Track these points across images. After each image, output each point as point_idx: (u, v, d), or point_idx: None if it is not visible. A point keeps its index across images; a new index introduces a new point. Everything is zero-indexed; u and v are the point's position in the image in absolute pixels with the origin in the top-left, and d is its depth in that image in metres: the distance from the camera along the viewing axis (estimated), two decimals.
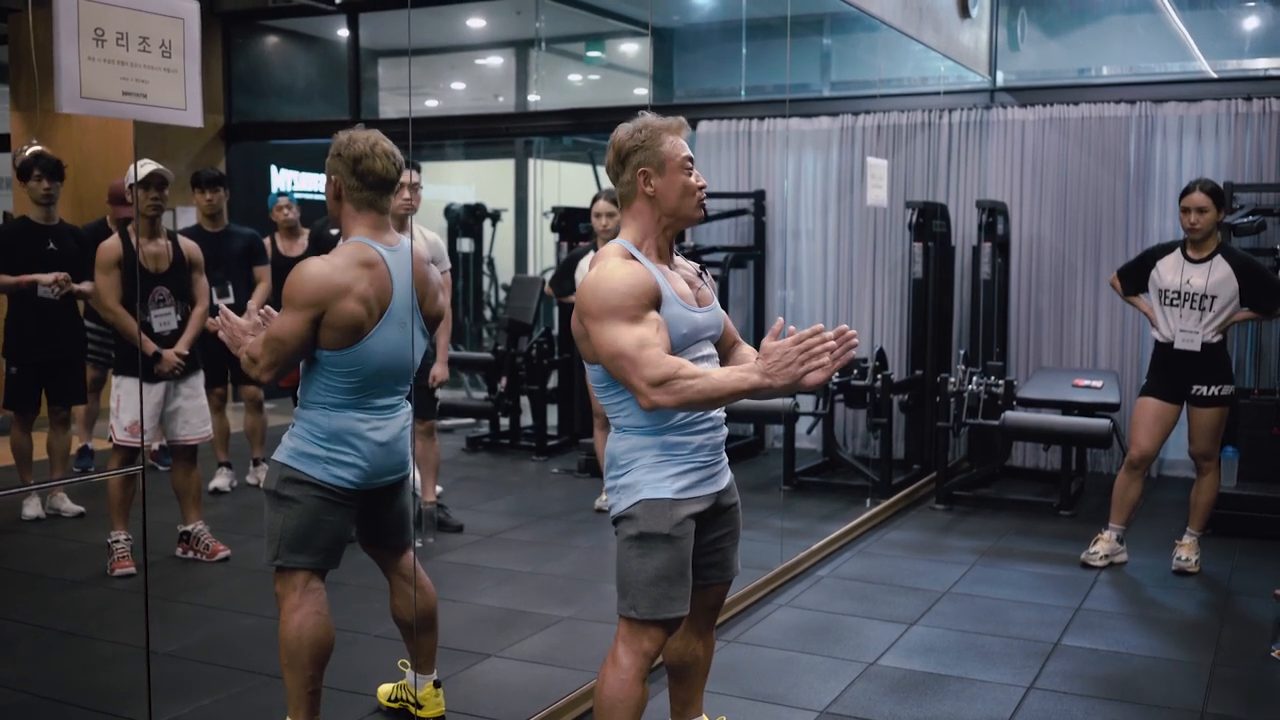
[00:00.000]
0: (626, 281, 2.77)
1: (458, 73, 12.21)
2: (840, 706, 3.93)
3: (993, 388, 6.80)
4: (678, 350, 2.84)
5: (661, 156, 2.88)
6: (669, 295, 2.85)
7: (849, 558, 5.83)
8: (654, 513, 2.85)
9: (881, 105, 8.31)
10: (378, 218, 3.31)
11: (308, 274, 3.16)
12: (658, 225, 2.92)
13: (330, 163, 3.30)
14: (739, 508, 3.16)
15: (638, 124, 2.92)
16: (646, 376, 2.70)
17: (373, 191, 3.28)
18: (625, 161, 2.91)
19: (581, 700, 3.83)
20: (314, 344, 3.20)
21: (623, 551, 2.92)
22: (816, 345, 2.65)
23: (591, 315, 2.78)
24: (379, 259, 3.26)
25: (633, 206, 2.93)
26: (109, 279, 5.12)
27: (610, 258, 2.85)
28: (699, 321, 2.93)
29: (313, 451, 3.25)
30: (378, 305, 3.24)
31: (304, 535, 3.25)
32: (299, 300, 3.14)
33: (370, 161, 3.24)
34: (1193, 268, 5.35)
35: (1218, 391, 5.37)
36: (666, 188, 2.89)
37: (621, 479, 2.94)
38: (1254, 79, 7.85)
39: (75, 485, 6.47)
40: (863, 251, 8.31)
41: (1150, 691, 4.08)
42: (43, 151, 5.60)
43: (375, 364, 3.28)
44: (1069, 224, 7.81)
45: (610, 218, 6.29)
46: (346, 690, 3.86)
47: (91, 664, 4.23)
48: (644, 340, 2.73)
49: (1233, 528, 6.13)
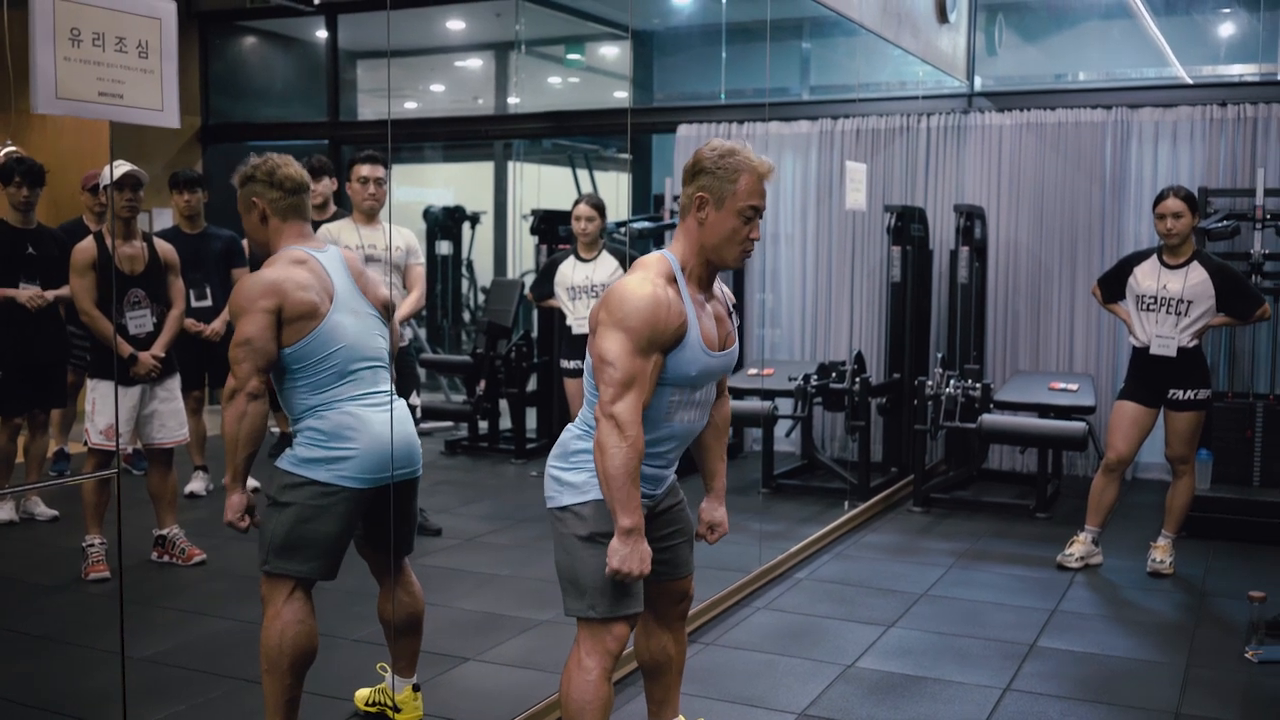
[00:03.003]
0: (654, 314, 2.75)
1: (437, 75, 12.20)
2: (819, 708, 3.93)
3: (970, 391, 6.83)
4: (681, 387, 2.87)
5: (727, 192, 2.82)
6: (692, 338, 2.83)
7: (827, 560, 5.84)
8: (605, 513, 2.85)
9: (860, 109, 8.34)
10: (303, 225, 3.41)
11: (250, 282, 3.25)
12: (699, 253, 2.89)
13: (244, 192, 3.38)
14: (684, 506, 3.19)
15: (727, 148, 2.85)
16: (610, 404, 2.73)
17: (295, 196, 3.38)
18: (694, 178, 2.86)
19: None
20: (278, 347, 3.22)
21: (572, 551, 2.91)
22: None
23: (609, 315, 2.77)
24: (308, 257, 3.34)
25: (685, 222, 2.90)
26: (84, 281, 5.08)
27: (653, 274, 2.82)
28: (712, 366, 2.93)
29: (313, 455, 3.25)
30: (324, 292, 3.30)
31: (294, 541, 3.23)
32: (249, 305, 3.19)
33: (284, 169, 3.37)
34: (1169, 273, 5.39)
35: (1194, 395, 5.41)
36: (718, 223, 2.84)
37: (568, 474, 2.94)
38: (1229, 85, 7.91)
39: (50, 489, 6.42)
40: (841, 255, 8.33)
41: (1126, 692, 4.10)
42: (24, 156, 5.55)
43: (342, 348, 3.29)
44: (1046, 228, 7.85)
45: (591, 222, 6.29)
46: (324, 695, 3.84)
47: (66, 669, 4.20)
48: (635, 376, 2.74)
49: (1207, 530, 6.18)
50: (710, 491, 3.29)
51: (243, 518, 3.28)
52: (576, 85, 11.68)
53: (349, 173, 5.42)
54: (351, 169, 5.39)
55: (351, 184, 5.38)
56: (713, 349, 2.90)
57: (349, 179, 5.42)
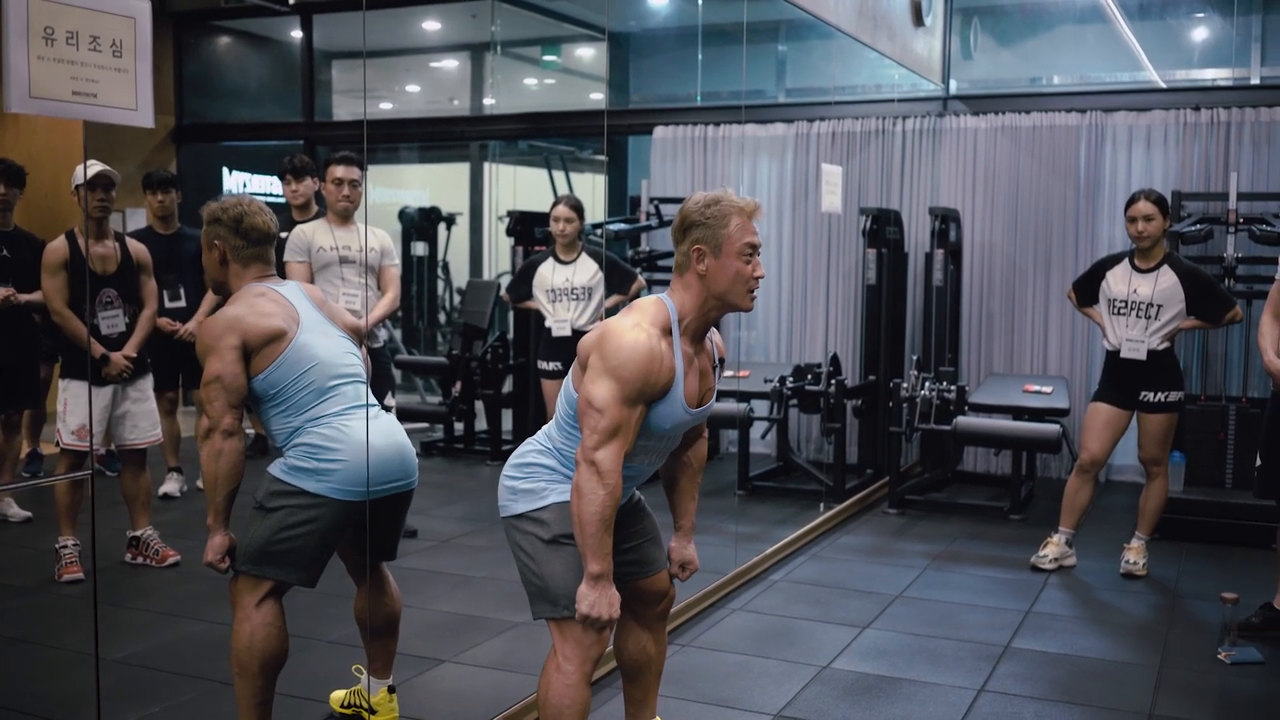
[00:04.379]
0: (646, 366, 2.76)
1: (412, 75, 12.16)
2: (794, 710, 3.94)
3: (944, 393, 6.86)
4: (651, 436, 2.90)
5: (721, 238, 2.83)
6: (676, 394, 2.85)
7: (803, 562, 5.85)
8: (565, 514, 2.87)
9: (836, 112, 8.37)
10: (264, 267, 3.42)
11: (212, 322, 3.26)
12: (702, 305, 2.89)
13: (209, 231, 3.39)
14: (642, 504, 3.22)
15: (710, 198, 2.87)
16: (593, 450, 2.74)
17: (258, 247, 3.39)
18: (686, 233, 2.87)
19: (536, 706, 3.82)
20: (248, 379, 3.23)
21: (536, 556, 2.92)
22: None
23: (603, 360, 2.77)
24: (267, 289, 3.36)
25: (684, 277, 2.89)
26: (56, 281, 5.05)
27: (647, 322, 2.82)
28: (686, 422, 2.96)
29: (305, 465, 3.23)
30: (289, 317, 3.31)
31: (276, 548, 3.21)
32: (214, 343, 3.20)
33: (251, 219, 3.36)
34: (1140, 277, 5.42)
35: (1165, 398, 5.44)
36: (719, 271, 2.84)
37: (522, 483, 2.97)
38: (1202, 89, 7.98)
39: (22, 490, 6.37)
40: (817, 257, 8.36)
41: (1099, 693, 4.12)
42: (3, 158, 5.52)
43: (315, 365, 3.29)
44: (1020, 231, 7.89)
45: (570, 223, 6.28)
46: (299, 696, 3.83)
47: (39, 671, 4.17)
48: (621, 425, 2.75)
49: (1180, 532, 6.22)
50: (679, 530, 3.29)
51: (223, 559, 3.25)
52: (552, 87, 11.67)
53: (324, 173, 5.41)
54: (326, 170, 5.37)
55: (326, 185, 5.37)
56: (691, 406, 2.93)
57: (324, 180, 5.40)
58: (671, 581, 3.28)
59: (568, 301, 6.32)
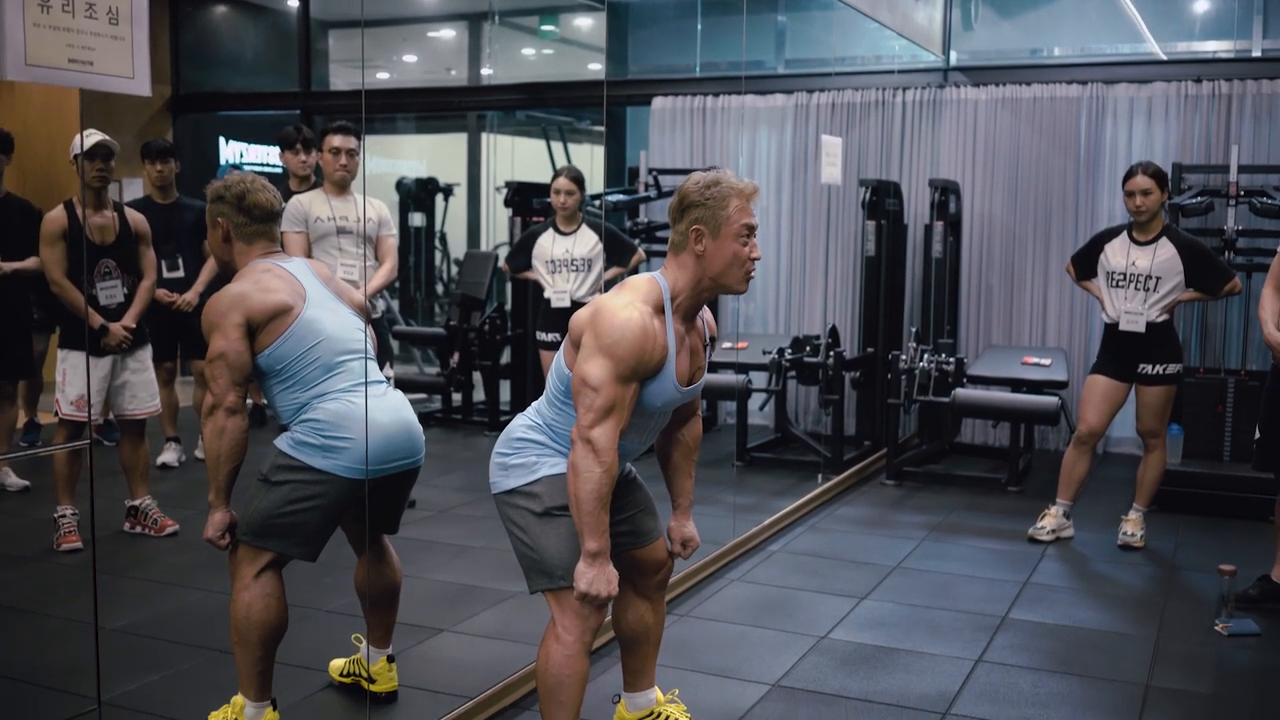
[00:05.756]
0: (640, 344, 2.77)
1: (410, 45, 12.09)
2: (792, 679, 3.96)
3: (943, 365, 6.85)
4: (641, 414, 2.91)
5: (720, 219, 2.84)
6: (667, 373, 2.87)
7: (801, 533, 5.86)
8: (557, 486, 2.89)
9: (836, 83, 8.33)
10: (268, 244, 3.41)
11: (218, 298, 3.24)
12: (697, 285, 2.90)
13: (212, 208, 3.38)
14: (636, 476, 3.23)
15: (710, 179, 2.88)
16: (589, 429, 2.75)
17: (261, 224, 3.38)
18: (685, 213, 2.88)
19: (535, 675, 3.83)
20: (253, 356, 3.22)
21: (530, 529, 2.93)
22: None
23: (597, 339, 2.77)
24: (272, 265, 3.35)
25: (680, 257, 2.90)
26: (54, 251, 5.02)
27: (640, 300, 2.83)
28: (676, 401, 2.98)
29: (313, 441, 3.22)
30: (295, 293, 3.30)
31: (279, 522, 3.21)
32: (219, 320, 3.19)
33: (254, 196, 3.35)
34: (1138, 250, 5.42)
35: (1164, 370, 5.44)
36: (717, 252, 2.86)
37: (513, 458, 2.98)
38: (1203, 61, 7.93)
39: (20, 459, 6.37)
40: (816, 229, 8.34)
41: (1096, 664, 4.14)
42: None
43: (322, 341, 3.28)
44: (1020, 203, 7.87)
45: (570, 195, 6.27)
46: (298, 665, 3.84)
47: (38, 640, 4.18)
48: (616, 403, 2.76)
49: (1178, 504, 6.23)
50: (677, 508, 3.31)
51: (223, 536, 3.25)
52: (551, 57, 11.61)
53: (320, 143, 5.38)
54: (323, 139, 5.35)
55: (323, 155, 5.34)
56: (682, 384, 2.94)
57: (320, 149, 5.38)
58: (670, 555, 3.29)
59: (567, 273, 6.31)
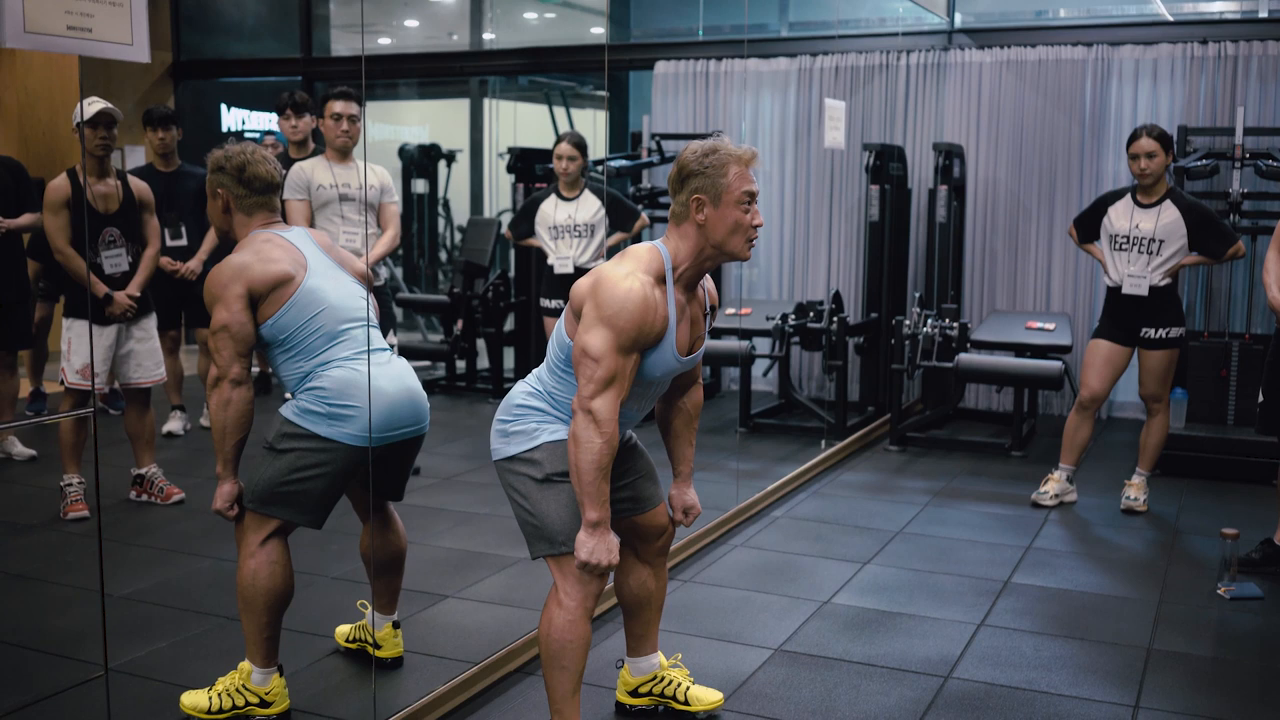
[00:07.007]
0: (641, 315, 2.78)
1: (411, 10, 12.03)
2: (795, 644, 3.98)
3: (947, 330, 6.85)
4: (640, 383, 2.92)
5: (720, 187, 2.84)
6: (667, 343, 2.88)
7: (804, 499, 5.88)
8: (557, 453, 2.91)
9: (840, 46, 8.28)
10: (269, 215, 3.41)
11: (219, 270, 3.24)
12: (699, 254, 2.90)
13: (212, 179, 3.38)
14: (636, 443, 3.24)
15: (707, 147, 2.87)
16: (590, 399, 2.76)
17: (261, 195, 3.38)
18: (684, 183, 2.88)
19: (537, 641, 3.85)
20: (256, 327, 3.22)
21: (530, 495, 2.94)
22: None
23: (598, 309, 2.78)
24: (273, 235, 3.35)
25: (682, 227, 2.90)
26: (58, 220, 5.01)
27: (641, 270, 2.83)
28: (675, 370, 2.98)
29: (319, 410, 3.22)
30: (296, 262, 3.30)
31: (284, 490, 3.22)
32: (221, 291, 3.20)
33: (254, 167, 3.35)
34: (1142, 212, 5.39)
35: (1166, 334, 5.43)
36: (718, 220, 2.86)
37: (513, 425, 2.99)
38: (1209, 22, 7.88)
39: (26, 428, 6.39)
40: (819, 194, 8.31)
41: (1098, 628, 4.16)
42: None
43: (324, 310, 3.28)
44: (1024, 167, 7.84)
45: (573, 161, 6.25)
46: (304, 631, 3.87)
47: (46, 608, 4.20)
48: (617, 374, 2.77)
49: (1180, 468, 6.24)
50: (678, 476, 3.32)
51: (231, 507, 3.26)
52: (553, 21, 11.55)
53: (322, 109, 5.36)
54: (325, 105, 5.33)
55: (325, 121, 5.32)
56: (682, 354, 2.95)
57: (322, 115, 5.36)
58: (672, 522, 3.31)
59: (570, 238, 6.30)
